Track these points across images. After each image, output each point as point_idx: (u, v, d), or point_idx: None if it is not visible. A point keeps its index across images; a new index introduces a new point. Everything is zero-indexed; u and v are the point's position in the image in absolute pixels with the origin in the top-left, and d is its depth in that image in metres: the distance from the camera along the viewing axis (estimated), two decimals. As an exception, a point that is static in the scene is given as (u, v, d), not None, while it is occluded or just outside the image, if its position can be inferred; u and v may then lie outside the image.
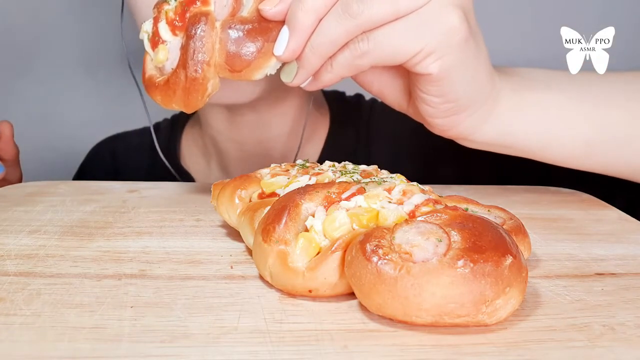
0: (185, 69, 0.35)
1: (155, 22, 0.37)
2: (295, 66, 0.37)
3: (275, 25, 0.36)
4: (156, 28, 0.37)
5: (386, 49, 0.35)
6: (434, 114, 0.40)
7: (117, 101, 0.87)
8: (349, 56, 0.36)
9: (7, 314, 0.25)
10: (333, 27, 0.34)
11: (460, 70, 0.37)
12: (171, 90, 0.36)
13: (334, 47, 0.36)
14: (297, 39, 0.35)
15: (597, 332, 0.25)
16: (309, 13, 0.34)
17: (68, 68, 0.87)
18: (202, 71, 0.35)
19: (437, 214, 0.28)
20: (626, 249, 0.35)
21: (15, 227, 0.37)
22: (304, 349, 0.23)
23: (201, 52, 0.35)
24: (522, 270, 0.25)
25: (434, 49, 0.35)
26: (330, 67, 0.37)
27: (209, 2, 0.36)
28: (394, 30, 0.35)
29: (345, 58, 0.36)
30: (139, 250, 0.34)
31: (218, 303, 0.27)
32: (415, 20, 0.34)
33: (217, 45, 0.35)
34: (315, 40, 0.35)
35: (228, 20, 0.36)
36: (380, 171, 0.36)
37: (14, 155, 0.57)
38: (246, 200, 0.35)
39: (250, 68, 0.36)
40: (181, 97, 0.36)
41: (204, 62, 0.35)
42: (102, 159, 0.74)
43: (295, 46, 0.35)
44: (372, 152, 0.62)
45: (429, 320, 0.24)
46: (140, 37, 0.38)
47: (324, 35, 0.35)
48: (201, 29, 0.35)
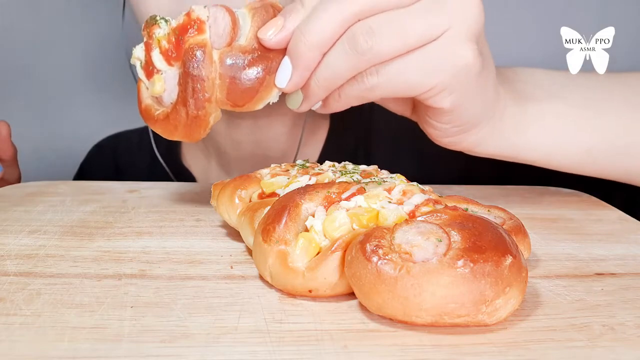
0: (185, 106, 0.34)
1: (147, 49, 0.35)
2: (301, 95, 0.35)
3: (275, 55, 0.34)
4: (149, 56, 0.35)
5: (397, 83, 0.33)
6: (441, 135, 0.40)
7: (117, 101, 0.87)
8: (357, 89, 0.34)
9: (7, 314, 0.25)
10: (339, 62, 0.32)
11: (471, 100, 0.36)
12: (172, 125, 0.35)
13: (341, 80, 0.34)
14: (300, 74, 0.33)
15: (597, 332, 0.25)
16: (312, 49, 0.32)
17: (68, 68, 0.87)
18: (204, 109, 0.34)
19: (437, 214, 0.28)
20: (626, 249, 0.35)
21: (15, 227, 0.37)
22: (304, 349, 0.23)
23: (201, 91, 0.33)
24: (522, 270, 0.25)
25: (447, 85, 0.34)
26: (338, 96, 0.35)
27: (204, 30, 0.34)
28: (406, 65, 0.33)
29: (353, 90, 0.34)
30: (139, 250, 0.34)
31: (218, 303, 0.27)
32: (428, 55, 0.33)
33: (217, 81, 0.34)
34: (320, 74, 0.33)
35: (226, 51, 0.34)
36: (380, 171, 0.36)
37: (11, 154, 0.57)
38: (246, 200, 0.35)
39: (253, 102, 0.34)
40: (183, 132, 0.35)
41: (204, 100, 0.34)
42: (103, 158, 0.74)
43: (299, 80, 0.34)
44: (372, 152, 0.62)
45: (429, 320, 0.24)
46: (131, 63, 0.36)
47: (330, 70, 0.33)
48: (200, 66, 0.33)
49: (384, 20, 0.31)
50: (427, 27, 0.32)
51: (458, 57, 0.33)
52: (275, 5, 0.36)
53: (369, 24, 0.31)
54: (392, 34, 0.31)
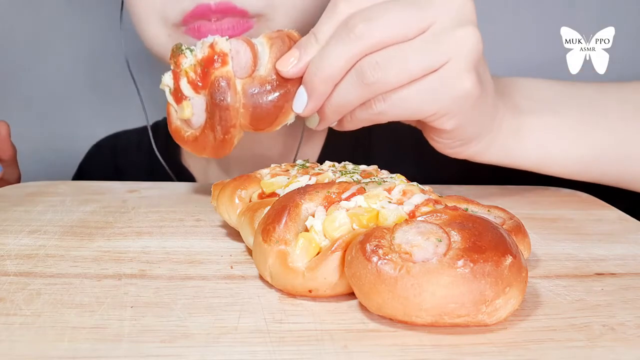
0: (213, 131, 0.38)
1: (175, 77, 0.38)
2: (317, 117, 0.39)
3: (292, 84, 0.37)
4: (177, 84, 0.38)
5: (402, 110, 0.36)
6: (442, 148, 0.43)
7: (117, 101, 0.87)
8: (366, 113, 0.37)
9: (7, 314, 0.25)
10: (349, 92, 0.36)
11: (470, 120, 0.39)
12: (200, 146, 0.40)
13: (351, 107, 0.37)
14: (315, 102, 0.37)
15: (597, 332, 0.25)
16: (325, 82, 0.36)
17: (68, 68, 0.87)
18: (230, 134, 0.38)
19: (437, 214, 0.28)
20: (626, 249, 0.35)
21: (15, 227, 0.37)
22: (304, 349, 0.23)
23: (227, 119, 0.37)
24: (522, 270, 0.25)
25: (448, 110, 0.37)
26: (350, 118, 0.39)
27: (227, 62, 0.37)
28: (409, 94, 0.35)
29: (363, 114, 0.37)
30: (139, 250, 0.34)
31: (218, 303, 0.27)
32: (429, 85, 0.35)
33: (241, 110, 0.37)
34: (333, 102, 0.37)
35: (248, 81, 0.37)
36: (380, 171, 0.36)
37: (11, 154, 0.57)
38: (246, 200, 0.35)
39: (273, 126, 0.38)
40: (211, 152, 0.40)
41: (230, 127, 0.38)
42: (102, 157, 0.74)
43: (314, 107, 0.37)
44: (372, 152, 0.62)
45: (429, 320, 0.24)
46: (160, 88, 0.40)
47: (341, 98, 0.36)
48: (225, 97, 0.37)
49: (388, 55, 0.34)
50: (428, 60, 0.34)
51: (457, 86, 0.36)
52: (291, 35, 0.39)
53: (375, 59, 0.34)
54: (396, 67, 0.34)
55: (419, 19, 0.34)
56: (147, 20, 0.48)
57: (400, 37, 0.34)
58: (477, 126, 0.40)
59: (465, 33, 0.35)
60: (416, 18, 0.34)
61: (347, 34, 0.34)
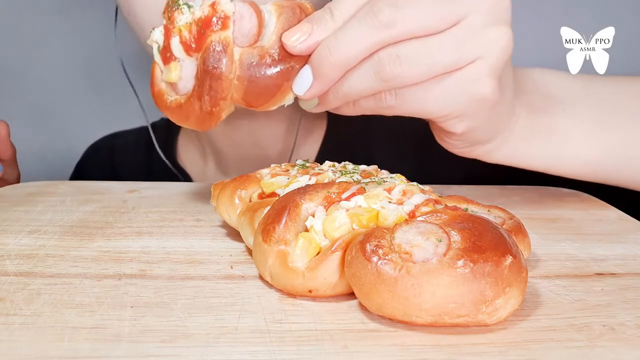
0: (200, 101, 0.34)
1: (166, 34, 0.34)
2: (316, 101, 0.35)
3: (297, 61, 0.33)
4: (168, 42, 0.34)
5: (414, 108, 0.34)
6: (451, 148, 0.41)
7: (117, 101, 0.87)
8: (373, 104, 0.34)
9: (7, 314, 0.25)
10: (361, 83, 0.32)
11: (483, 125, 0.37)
12: (184, 115, 0.35)
13: (359, 97, 0.34)
14: (320, 87, 0.33)
15: (597, 332, 0.25)
16: (337, 67, 0.32)
17: (67, 68, 0.87)
18: (219, 106, 0.34)
19: (437, 214, 0.28)
20: (626, 249, 0.35)
21: (15, 227, 0.37)
22: (304, 349, 0.23)
23: (218, 90, 0.33)
24: (522, 270, 0.25)
25: (462, 113, 0.34)
26: (352, 105, 0.35)
27: (228, 26, 0.33)
28: (425, 93, 0.33)
29: (369, 104, 0.34)
30: (139, 250, 0.34)
31: (218, 303, 0.27)
32: (449, 85, 0.33)
33: (235, 82, 0.33)
34: (340, 90, 0.33)
35: (248, 51, 0.33)
36: (380, 171, 0.36)
37: (11, 154, 0.57)
38: (246, 200, 0.35)
39: (268, 104, 0.34)
40: (195, 123, 0.35)
41: (220, 99, 0.33)
42: (99, 158, 0.74)
43: (318, 91, 0.33)
44: (372, 152, 0.62)
45: (429, 320, 0.24)
46: (148, 43, 0.35)
47: (350, 88, 0.33)
48: (220, 65, 0.33)
49: (413, 50, 0.31)
50: (455, 59, 0.32)
51: (475, 91, 0.33)
52: (304, 6, 0.35)
53: (397, 52, 0.31)
54: (420, 64, 0.31)
55: (451, 11, 0.31)
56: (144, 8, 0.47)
57: (429, 30, 0.31)
58: (490, 129, 0.38)
59: (499, 33, 0.32)
60: (448, 10, 0.31)
61: (371, 19, 0.30)
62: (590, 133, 0.43)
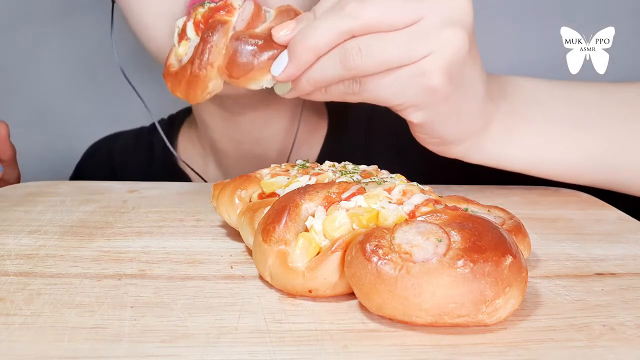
0: (192, 65, 0.39)
1: (186, 20, 0.41)
2: (290, 85, 0.39)
3: (278, 47, 0.38)
4: (185, 25, 0.41)
5: (373, 95, 0.38)
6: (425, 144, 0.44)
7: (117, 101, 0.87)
8: (342, 90, 0.38)
9: (7, 314, 0.25)
10: (328, 70, 0.36)
11: (442, 119, 0.40)
12: (177, 80, 0.40)
13: (327, 84, 0.38)
14: (293, 69, 0.37)
15: (597, 332, 0.25)
16: (309, 51, 0.36)
17: (67, 68, 0.87)
18: (206, 70, 0.38)
19: (437, 214, 0.28)
20: (626, 249, 0.35)
21: (15, 227, 0.37)
22: (304, 349, 0.23)
23: (208, 54, 0.38)
24: (522, 270, 0.25)
25: (414, 103, 0.38)
26: (324, 91, 0.39)
27: (233, 14, 0.39)
28: (381, 81, 0.37)
29: (338, 91, 0.38)
30: (139, 250, 0.34)
31: (218, 303, 0.27)
32: (401, 76, 0.36)
33: (223, 51, 0.38)
34: (311, 74, 0.37)
35: (240, 32, 0.39)
36: (380, 171, 0.36)
37: (10, 154, 0.57)
38: (246, 200, 0.35)
39: (247, 77, 0.38)
40: (184, 89, 0.40)
41: (208, 63, 0.38)
42: (99, 159, 0.74)
43: (291, 74, 0.37)
44: (372, 152, 0.62)
45: (429, 320, 0.24)
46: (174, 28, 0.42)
47: (319, 73, 0.37)
48: (214, 35, 0.38)
49: (371, 43, 0.35)
50: (408, 54, 0.35)
51: (426, 82, 0.36)
52: (298, 12, 0.41)
53: (359, 43, 0.35)
54: (377, 57, 0.35)
55: (410, 10, 0.35)
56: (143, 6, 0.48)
57: (387, 25, 0.35)
58: (451, 128, 0.41)
59: (453, 33, 0.35)
60: (408, 9, 0.35)
61: (339, 11, 0.35)
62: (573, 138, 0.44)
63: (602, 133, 0.44)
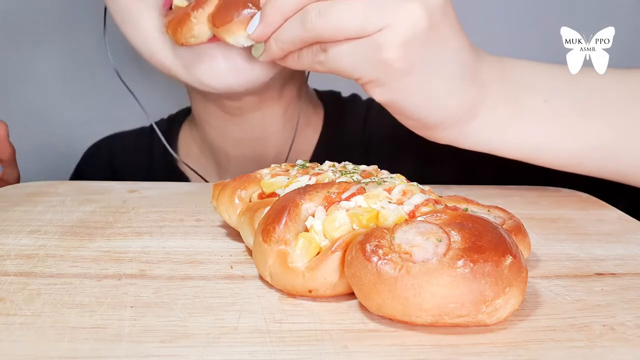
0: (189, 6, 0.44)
1: None
2: (262, 47, 0.41)
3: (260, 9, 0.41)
4: None
5: (335, 65, 0.38)
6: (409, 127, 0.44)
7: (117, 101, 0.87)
8: (310, 57, 0.39)
9: (7, 314, 0.25)
10: (291, 32, 0.38)
11: (407, 99, 0.40)
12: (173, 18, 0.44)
13: (293, 46, 0.39)
14: (263, 29, 0.39)
15: (597, 332, 0.25)
16: (276, 12, 0.38)
17: (67, 68, 0.87)
18: (197, 12, 0.43)
19: (437, 214, 0.28)
20: (626, 249, 0.35)
21: (15, 227, 0.37)
22: (304, 349, 0.23)
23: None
24: (522, 270, 0.25)
25: (371, 78, 0.38)
26: (296, 57, 0.41)
27: None
28: (341, 51, 0.37)
29: (307, 58, 0.40)
30: (139, 250, 0.34)
31: (218, 303, 0.27)
32: (358, 48, 0.37)
33: (215, 1, 0.43)
34: (278, 35, 0.39)
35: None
36: (380, 171, 0.36)
37: (10, 155, 0.57)
38: (246, 200, 0.35)
39: (225, 28, 0.42)
40: (174, 25, 0.44)
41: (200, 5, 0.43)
42: (99, 160, 0.74)
43: (261, 33, 0.40)
44: (371, 152, 0.62)
45: (429, 320, 0.24)
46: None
47: (285, 35, 0.39)
48: None
49: (331, 6, 0.36)
50: (363, 23, 0.36)
51: (381, 56, 0.37)
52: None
53: (319, 6, 0.36)
54: (333, 20, 0.36)
55: None
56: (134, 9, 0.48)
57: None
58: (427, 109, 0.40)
59: (409, 9, 0.36)
60: None
61: None
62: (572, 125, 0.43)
63: (605, 119, 0.42)
